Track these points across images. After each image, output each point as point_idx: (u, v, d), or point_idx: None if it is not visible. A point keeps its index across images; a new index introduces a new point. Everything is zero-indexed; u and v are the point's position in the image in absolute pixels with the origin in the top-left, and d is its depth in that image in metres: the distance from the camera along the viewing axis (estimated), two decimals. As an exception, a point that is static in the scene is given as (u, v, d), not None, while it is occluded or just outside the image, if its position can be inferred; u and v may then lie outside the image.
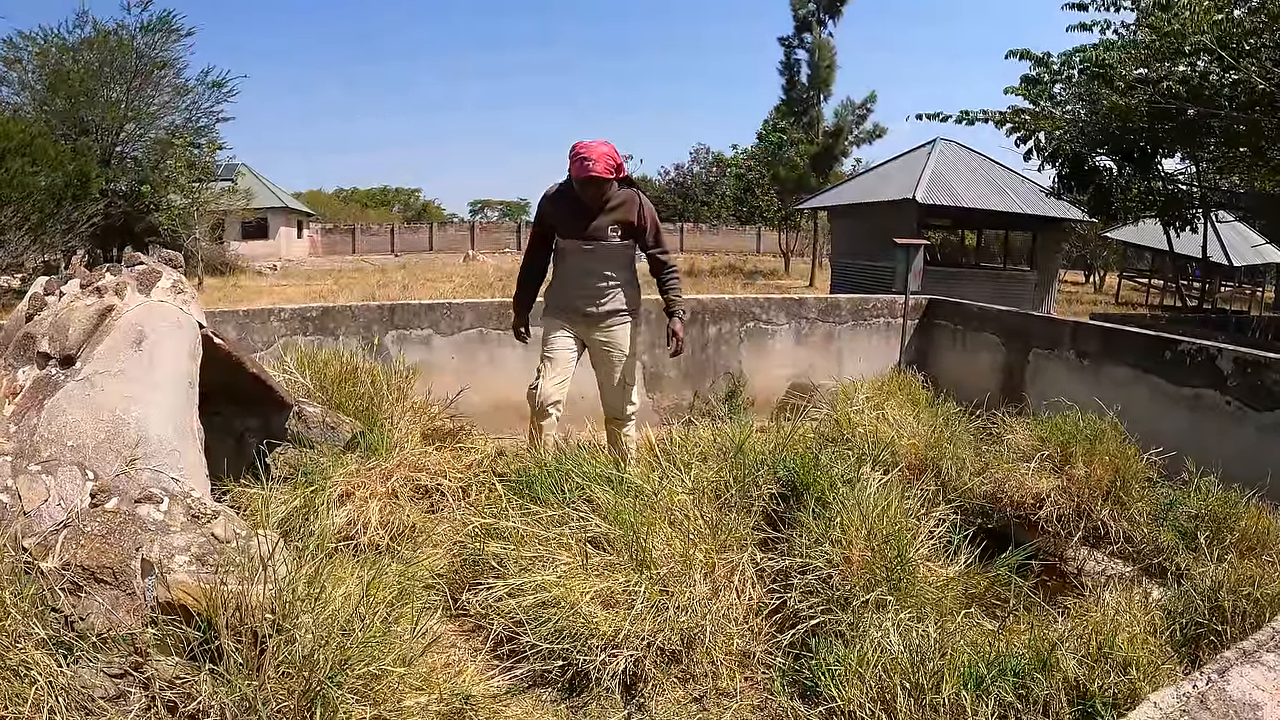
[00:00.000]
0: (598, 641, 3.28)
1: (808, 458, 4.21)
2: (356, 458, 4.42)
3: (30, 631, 2.64)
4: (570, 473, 4.20)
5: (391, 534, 4.06)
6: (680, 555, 3.63)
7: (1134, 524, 4.35)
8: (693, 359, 7.41)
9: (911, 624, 3.20)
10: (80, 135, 24.88)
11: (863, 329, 7.98)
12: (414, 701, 2.75)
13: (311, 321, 6.10)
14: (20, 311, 3.95)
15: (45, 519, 3.02)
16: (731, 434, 4.59)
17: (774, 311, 7.73)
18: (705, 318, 7.51)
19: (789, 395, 7.56)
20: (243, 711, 2.49)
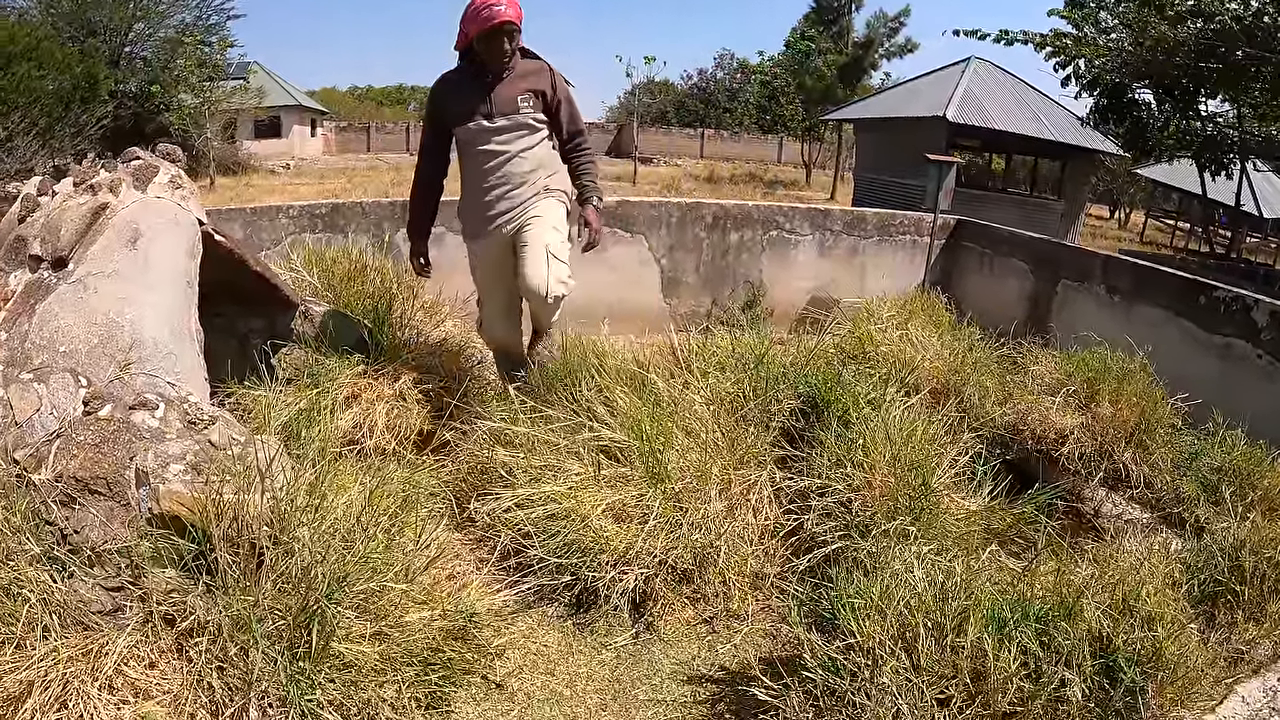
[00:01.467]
0: (608, 557, 3.20)
1: (830, 374, 4.07)
2: (364, 359, 4.29)
3: (23, 547, 2.56)
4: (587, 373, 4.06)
5: (398, 438, 3.95)
6: (696, 469, 3.51)
7: (1156, 470, 4.21)
8: (712, 265, 7.26)
9: (935, 558, 3.07)
10: (88, 37, 24.60)
11: (888, 245, 7.76)
12: (416, 617, 2.67)
13: (320, 219, 5.95)
14: (13, 213, 3.81)
15: (37, 429, 2.92)
16: (752, 345, 4.42)
17: (798, 221, 7.52)
18: (727, 224, 7.30)
19: (809, 308, 7.40)
20: (238, 628, 2.41)
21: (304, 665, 2.37)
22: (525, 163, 4.13)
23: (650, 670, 3.11)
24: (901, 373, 4.67)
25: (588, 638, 3.21)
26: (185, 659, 2.56)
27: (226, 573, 2.47)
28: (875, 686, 2.52)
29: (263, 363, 4.00)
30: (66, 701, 2.43)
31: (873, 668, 2.57)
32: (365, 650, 2.45)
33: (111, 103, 23.63)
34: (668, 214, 6.89)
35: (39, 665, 2.40)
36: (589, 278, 5.89)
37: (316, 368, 4.07)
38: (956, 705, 2.46)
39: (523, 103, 4.06)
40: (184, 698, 2.49)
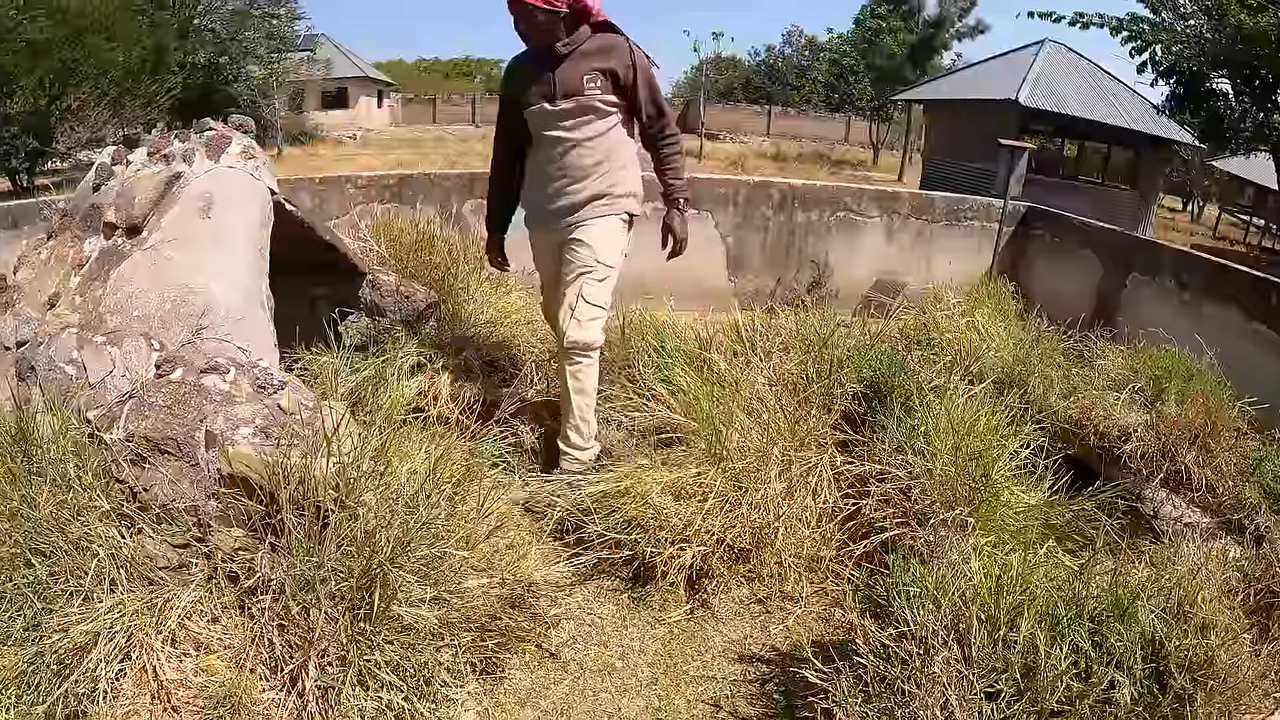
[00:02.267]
0: (666, 534, 3.21)
1: (894, 360, 4.03)
2: (431, 328, 4.34)
3: (94, 503, 2.63)
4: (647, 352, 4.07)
5: (461, 408, 3.99)
6: (757, 450, 3.49)
7: (1219, 474, 4.09)
8: (779, 244, 7.20)
9: (991, 551, 3.04)
10: (157, 9, 24.95)
11: (956, 231, 7.64)
12: (475, 583, 2.71)
13: (388, 189, 6.01)
14: (87, 182, 3.90)
15: (110, 390, 3.00)
16: (817, 327, 4.39)
17: (866, 203, 7.44)
18: (794, 204, 7.23)
19: (874, 291, 7.33)
20: (301, 588, 2.46)
21: (364, 626, 2.42)
22: (591, 154, 3.68)
23: (702, 646, 3.13)
24: (966, 361, 4.61)
25: (642, 612, 3.24)
26: (247, 615, 2.63)
27: (292, 534, 2.52)
28: (925, 676, 2.50)
29: (330, 330, 4.06)
30: (130, 653, 2.51)
31: (924, 657, 2.55)
32: (424, 614, 2.49)
33: (180, 74, 24.03)
34: (735, 192, 6.86)
35: (105, 617, 2.47)
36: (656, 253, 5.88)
37: (383, 336, 4.12)
38: (1005, 700, 2.44)
39: (588, 83, 3.57)
40: (245, 653, 2.56)
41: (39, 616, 2.51)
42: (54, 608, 2.52)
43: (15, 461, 2.78)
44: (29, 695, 2.46)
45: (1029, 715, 2.42)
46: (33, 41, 17.03)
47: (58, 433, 2.85)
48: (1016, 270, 7.56)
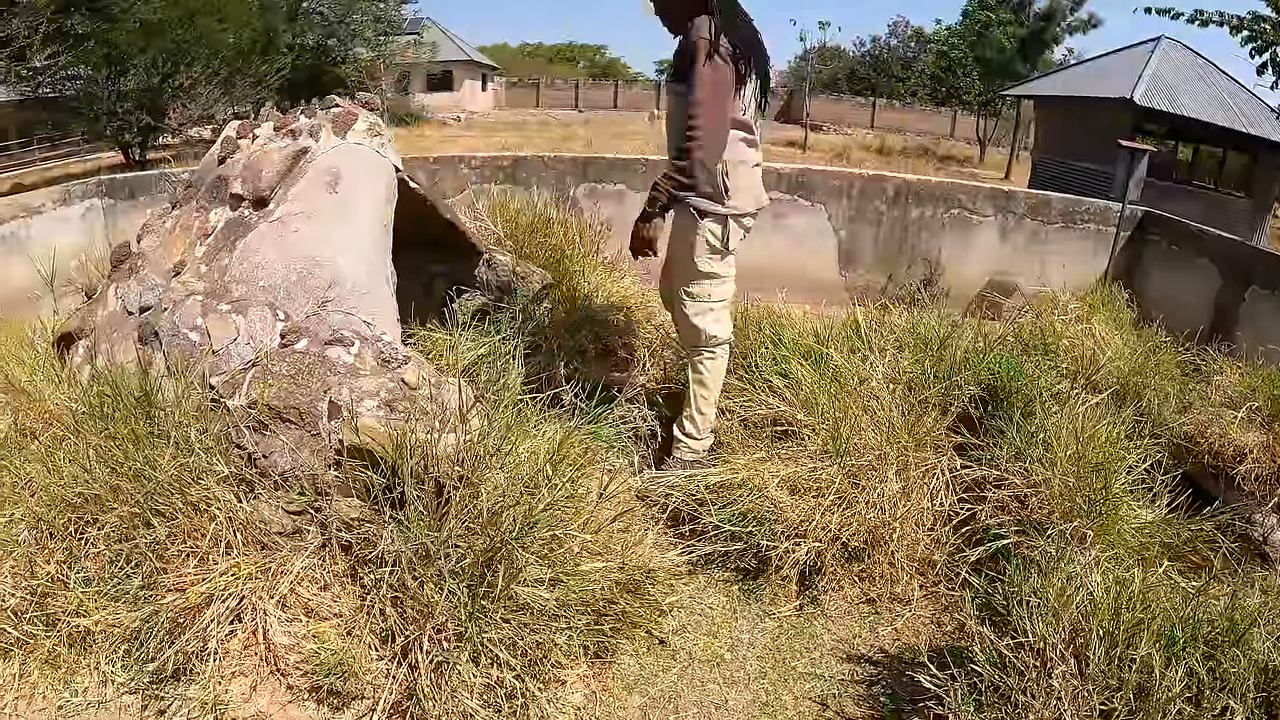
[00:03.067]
0: (782, 528, 3.18)
1: (1014, 364, 3.92)
2: (545, 309, 4.37)
3: (213, 467, 2.68)
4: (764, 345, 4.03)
5: (575, 390, 3.99)
6: (874, 448, 3.43)
7: None
8: (891, 240, 7.10)
9: (1110, 566, 2.95)
10: (268, -8, 25.66)
11: (1071, 233, 7.39)
12: (591, 566, 2.70)
13: (502, 170, 6.06)
14: (213, 154, 3.98)
15: (234, 358, 3.06)
16: (935, 326, 4.29)
17: (981, 201, 7.26)
18: (908, 199, 7.12)
19: (986, 291, 7.15)
20: (420, 559, 2.47)
21: (485, 604, 2.42)
22: (670, 138, 3.59)
23: (811, 643, 3.09)
24: (1085, 369, 4.48)
25: (752, 604, 3.21)
26: (359, 585, 2.66)
27: (413, 507, 2.52)
28: (1041, 688, 2.44)
29: (444, 307, 4.09)
30: (241, 615, 2.56)
31: (1041, 669, 2.50)
32: (543, 595, 2.49)
33: (289, 55, 24.69)
34: (849, 185, 6.78)
35: (219, 579, 2.52)
36: (768, 243, 5.83)
37: (497, 315, 4.14)
38: (1118, 718, 2.37)
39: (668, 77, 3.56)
40: (356, 622, 2.59)
41: (155, 575, 2.56)
42: (170, 567, 2.58)
43: (139, 423, 2.84)
44: (139, 652, 2.52)
45: (1143, 738, 2.34)
46: (147, 22, 17.63)
47: (180, 397, 2.91)
48: (1131, 277, 7.30)
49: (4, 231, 6.32)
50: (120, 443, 2.78)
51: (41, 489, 2.81)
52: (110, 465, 2.73)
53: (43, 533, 2.74)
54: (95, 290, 4.05)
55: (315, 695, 2.55)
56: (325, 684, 2.50)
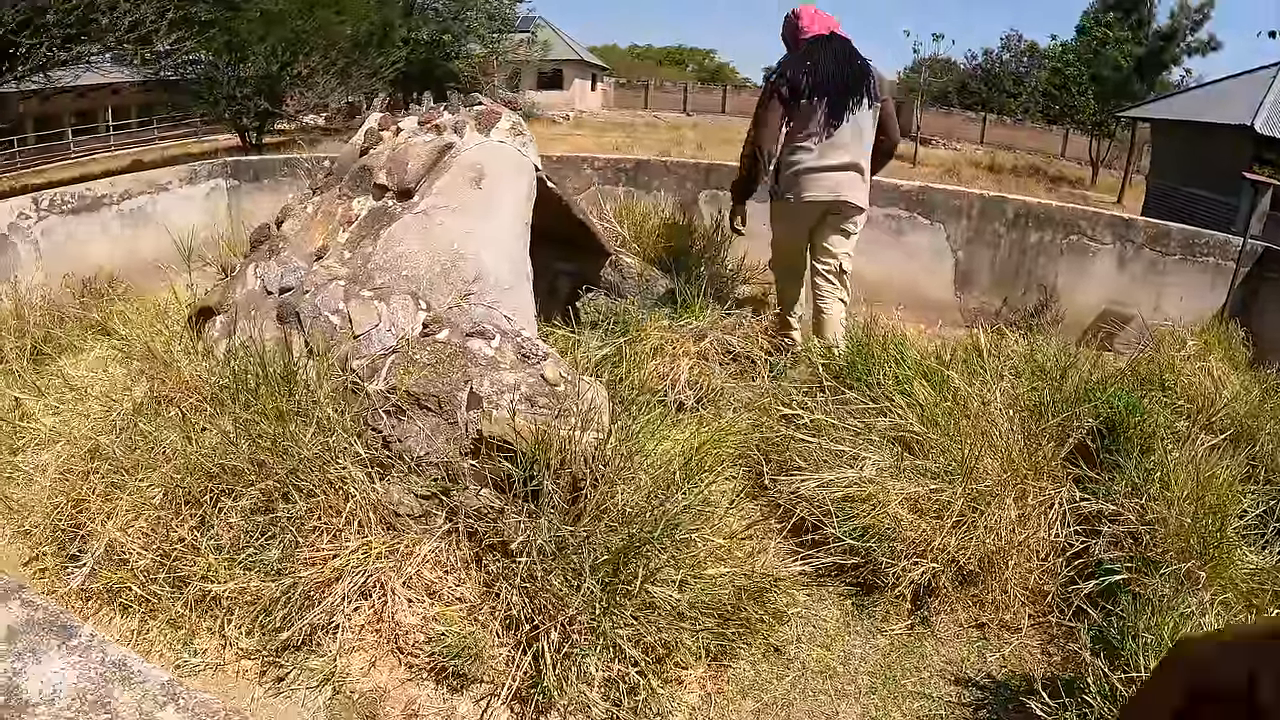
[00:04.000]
0: (901, 546, 3.21)
1: (1133, 400, 3.88)
2: (669, 313, 4.44)
3: (350, 448, 2.78)
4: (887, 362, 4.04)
5: (699, 395, 4.05)
6: (993, 474, 3.43)
7: None
8: (1008, 263, 6.99)
9: (1224, 611, 2.95)
10: (385, -14, 26.30)
11: (1189, 266, 7.20)
12: (716, 571, 2.76)
13: (624, 173, 6.15)
14: (355, 144, 4.12)
15: (374, 343, 3.17)
16: (1056, 355, 4.26)
17: (1100, 228, 7.08)
18: (1028, 222, 7.00)
19: (1101, 321, 7.00)
20: (556, 551, 2.55)
21: (619, 600, 2.48)
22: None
23: (920, 663, 3.10)
24: (1204, 408, 4.39)
25: (866, 620, 3.23)
26: (483, 572, 2.74)
27: (548, 500, 2.60)
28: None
29: (569, 305, 4.18)
30: (367, 592, 2.66)
31: None
32: (674, 595, 2.54)
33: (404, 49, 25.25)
34: (969, 205, 6.72)
35: (351, 556, 2.62)
36: (886, 259, 5.81)
37: (624, 316, 4.22)
38: None
39: None
40: (480, 608, 2.67)
41: (292, 549, 2.68)
42: (306, 541, 2.69)
43: (282, 400, 2.96)
44: (266, 620, 2.64)
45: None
46: (268, 11, 18.23)
47: (322, 377, 3.03)
48: (1249, 315, 7.08)
49: (133, 206, 6.62)
50: (264, 418, 2.91)
51: (178, 455, 2.94)
52: (253, 439, 2.86)
53: (177, 498, 2.87)
54: (232, 268, 4.22)
55: (435, 675, 2.64)
56: (448, 666, 2.59)
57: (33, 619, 1.62)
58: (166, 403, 3.40)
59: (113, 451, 3.05)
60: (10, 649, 1.54)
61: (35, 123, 27.41)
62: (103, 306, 5.20)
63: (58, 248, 5.92)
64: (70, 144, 29.34)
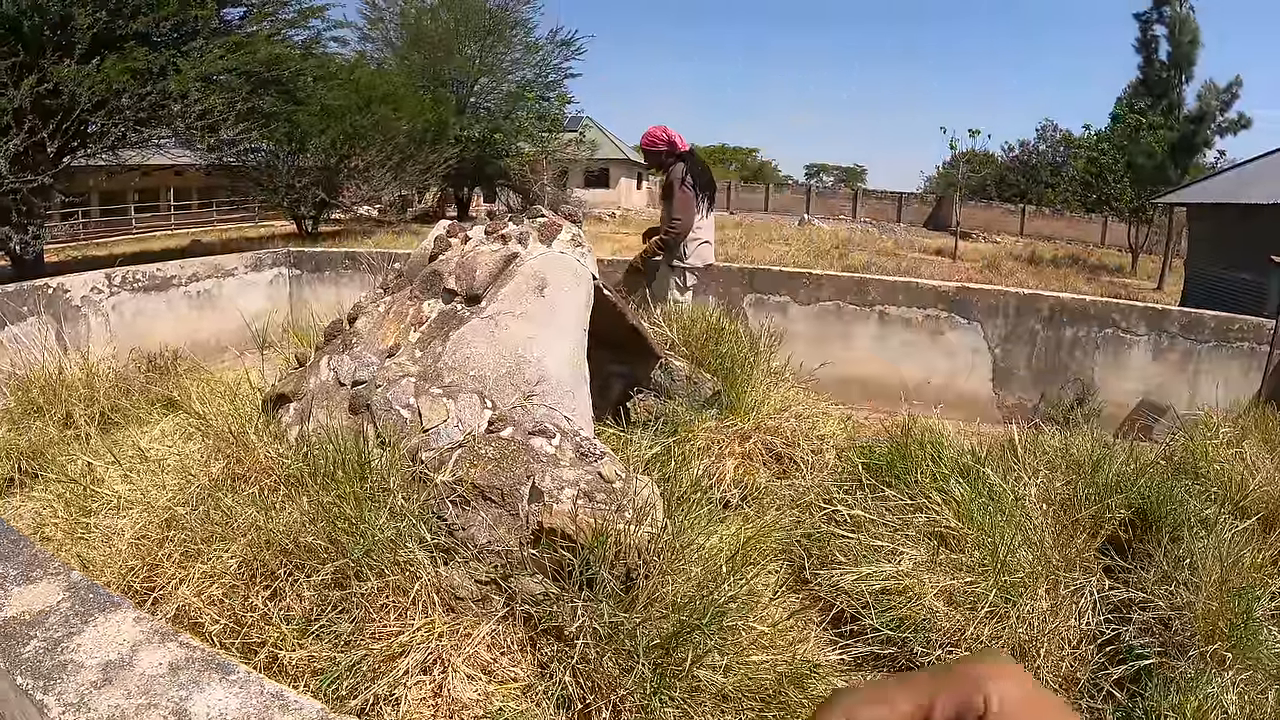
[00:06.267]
0: (937, 636, 3.35)
1: (1163, 489, 4.02)
2: (715, 414, 4.65)
3: (418, 534, 3.00)
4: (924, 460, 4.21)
5: (743, 493, 4.24)
6: (1027, 566, 3.58)
7: None
8: (1045, 358, 7.18)
9: (1248, 689, 3.06)
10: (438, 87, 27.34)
11: (1223, 352, 7.34)
12: (759, 658, 2.92)
13: (673, 275, 6.44)
14: (425, 249, 4.42)
15: (443, 437, 3.41)
16: (1086, 448, 4.42)
17: (1134, 320, 7.29)
18: (1063, 317, 7.20)
19: (1138, 412, 7.12)
20: (609, 636, 2.74)
21: (670, 681, 2.67)
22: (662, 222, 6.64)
23: (956, 752, 3.20)
24: (1234, 493, 4.51)
25: (902, 709, 3.34)
26: (537, 654, 2.92)
27: (603, 588, 2.80)
28: None
29: (620, 405, 4.41)
30: (429, 668, 2.85)
31: None
32: (720, 679, 2.72)
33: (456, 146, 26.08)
34: (1005, 303, 6.93)
35: (415, 634, 2.82)
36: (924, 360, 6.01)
37: (672, 417, 4.44)
38: None
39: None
40: (534, 687, 2.85)
41: (363, 623, 2.89)
42: (375, 618, 2.90)
43: (358, 485, 3.20)
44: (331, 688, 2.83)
45: None
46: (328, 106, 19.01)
47: (393, 466, 3.27)
48: (1284, 398, 7.18)
49: (200, 288, 7.00)
50: (341, 500, 3.13)
51: (255, 530, 3.14)
52: (330, 520, 3.08)
53: (253, 569, 3.07)
54: (305, 358, 4.50)
55: (487, 749, 2.80)
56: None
57: (192, 657, 1.86)
58: (242, 480, 3.62)
59: (190, 522, 3.25)
60: (175, 679, 1.77)
61: (101, 197, 28.49)
62: (168, 382, 5.47)
63: (127, 323, 6.27)
64: (133, 219, 30.41)
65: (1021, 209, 46.22)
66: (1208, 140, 32.49)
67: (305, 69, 17.35)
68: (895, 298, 6.69)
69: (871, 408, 5.79)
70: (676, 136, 6.29)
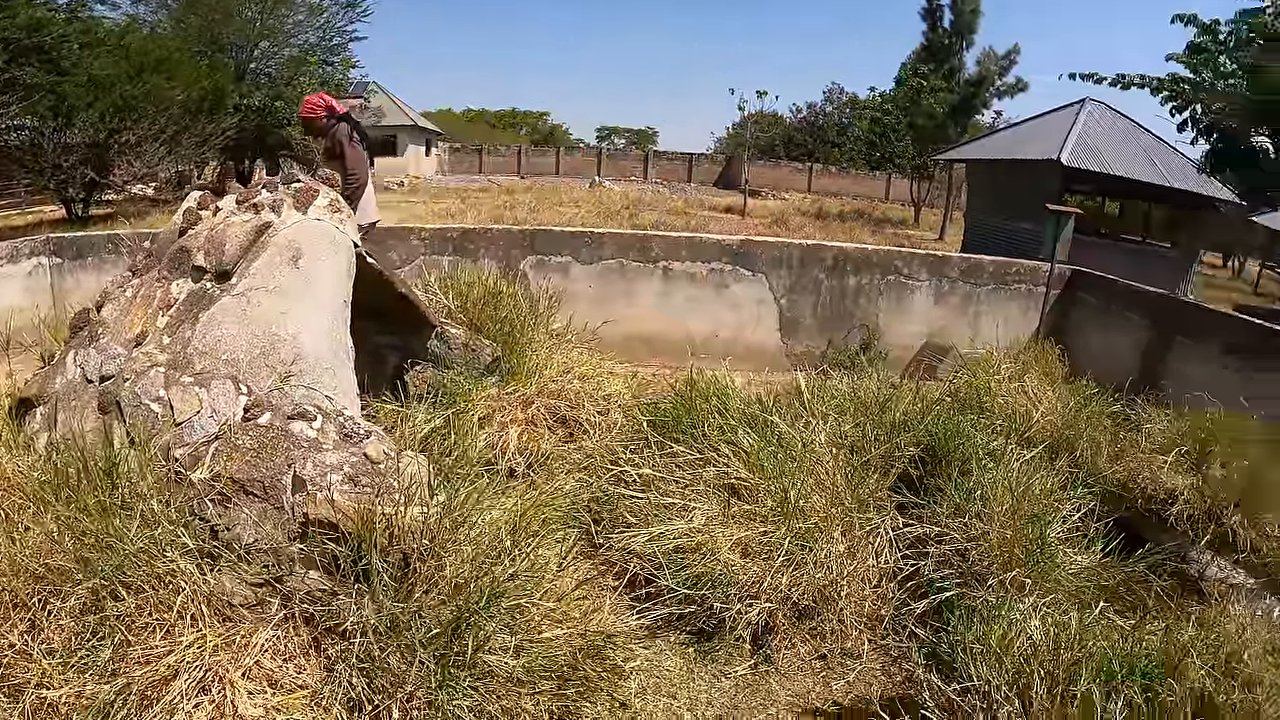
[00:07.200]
0: (735, 590, 3.28)
1: (950, 424, 4.09)
2: (496, 382, 4.46)
3: (178, 540, 2.71)
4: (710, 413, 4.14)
5: (529, 461, 4.08)
6: (821, 510, 3.56)
7: (1265, 536, 4.11)
8: (830, 307, 7.27)
9: (1050, 611, 3.11)
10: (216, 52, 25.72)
11: (1002, 294, 7.68)
12: (553, 634, 2.77)
13: (451, 242, 6.16)
14: (175, 224, 4.04)
15: (196, 430, 3.11)
16: (874, 390, 4.46)
17: (916, 266, 7.49)
18: (846, 267, 7.31)
19: (923, 354, 7.37)
20: (389, 629, 2.54)
21: (454, 672, 2.49)
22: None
23: (766, 700, 3.18)
24: (1018, 425, 4.66)
25: (709, 665, 3.28)
26: (323, 656, 2.70)
27: (379, 579, 2.59)
28: None
29: (396, 379, 4.16)
30: (207, 686, 2.59)
31: (987, 711, 2.64)
32: (510, 662, 2.56)
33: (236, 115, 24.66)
34: (789, 255, 6.97)
35: (186, 651, 2.55)
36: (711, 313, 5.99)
37: (451, 387, 4.22)
38: None
39: None
40: (322, 693, 2.63)
41: (124, 648, 2.59)
42: (138, 640, 2.61)
43: (105, 495, 2.87)
44: None
45: (1090, 769, 2.45)
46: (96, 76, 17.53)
47: (145, 468, 2.95)
48: (1062, 333, 7.57)
49: (-53, 286, 6.30)
50: (87, 514, 2.80)
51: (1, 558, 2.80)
52: (77, 536, 2.76)
53: (4, 603, 2.73)
54: (52, 356, 4.06)
55: (282, 765, 2.57)
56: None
57: None
58: (-13, 503, 3.23)
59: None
60: None
61: None
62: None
63: None
64: (-123, 211, 27.53)
65: (809, 167, 47.72)
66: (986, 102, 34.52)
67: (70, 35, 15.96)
68: (679, 253, 6.64)
69: (659, 364, 5.73)
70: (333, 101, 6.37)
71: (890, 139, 37.07)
